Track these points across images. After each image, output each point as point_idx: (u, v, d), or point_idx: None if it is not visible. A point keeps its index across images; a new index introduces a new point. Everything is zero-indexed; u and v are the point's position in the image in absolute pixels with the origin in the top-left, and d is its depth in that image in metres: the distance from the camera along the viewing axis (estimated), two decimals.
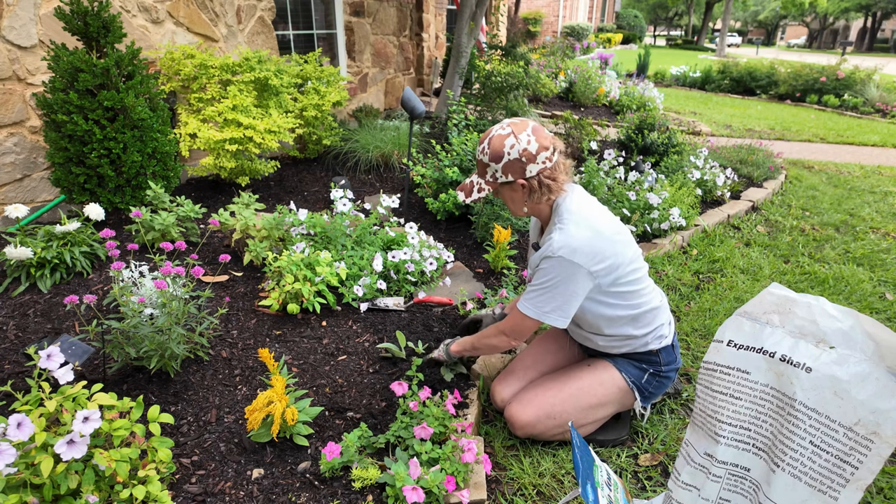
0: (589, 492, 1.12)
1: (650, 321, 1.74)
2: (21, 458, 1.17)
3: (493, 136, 1.58)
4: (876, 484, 1.73)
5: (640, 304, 1.69)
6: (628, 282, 1.65)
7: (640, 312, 1.70)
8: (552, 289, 1.59)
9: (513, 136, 1.55)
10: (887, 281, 3.09)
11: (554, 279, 1.58)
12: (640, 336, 1.74)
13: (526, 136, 1.55)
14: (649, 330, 1.74)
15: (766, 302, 1.06)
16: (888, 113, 8.90)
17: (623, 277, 1.63)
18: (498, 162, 1.57)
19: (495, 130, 1.59)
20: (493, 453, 1.78)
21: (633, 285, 1.67)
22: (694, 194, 3.86)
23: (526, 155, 1.55)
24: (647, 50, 11.55)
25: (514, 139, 1.55)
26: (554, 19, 22.12)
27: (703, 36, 34.89)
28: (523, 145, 1.54)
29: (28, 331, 2.01)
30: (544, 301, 1.61)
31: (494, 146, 1.57)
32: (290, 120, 3.39)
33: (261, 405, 1.52)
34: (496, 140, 1.57)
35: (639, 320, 1.72)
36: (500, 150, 1.56)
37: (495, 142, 1.57)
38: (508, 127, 1.57)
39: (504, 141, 1.55)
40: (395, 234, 2.71)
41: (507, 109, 4.93)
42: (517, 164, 1.56)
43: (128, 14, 3.28)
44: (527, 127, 1.57)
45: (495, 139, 1.57)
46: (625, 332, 1.73)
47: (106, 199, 2.73)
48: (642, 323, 1.73)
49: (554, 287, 1.58)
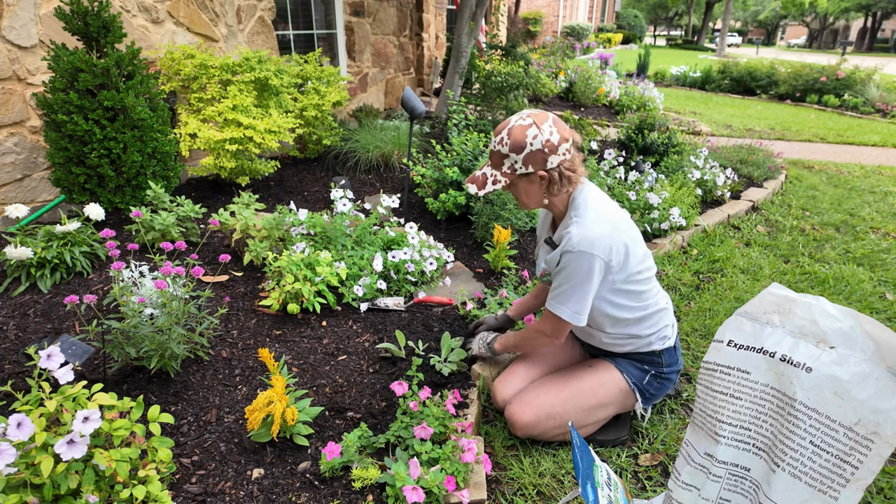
0: (589, 492, 1.12)
1: (656, 322, 1.74)
2: (21, 458, 1.17)
3: (514, 126, 1.54)
4: (876, 484, 1.73)
5: (647, 304, 1.70)
6: (638, 280, 1.65)
7: (647, 314, 1.71)
8: (578, 286, 1.57)
9: (535, 127, 1.52)
10: (887, 281, 3.09)
11: (578, 274, 1.56)
12: (644, 336, 1.74)
13: (548, 126, 1.52)
14: (654, 330, 1.74)
15: (767, 302, 1.06)
16: (888, 113, 8.90)
17: (633, 276, 1.63)
18: (519, 153, 1.54)
19: (515, 121, 1.55)
20: (494, 453, 1.78)
21: (642, 285, 1.67)
22: (694, 194, 3.86)
23: (549, 146, 1.52)
24: (647, 50, 11.55)
25: (536, 129, 1.52)
26: (554, 19, 22.13)
27: (704, 36, 34.90)
28: (546, 136, 1.52)
29: (28, 331, 2.01)
30: (575, 300, 1.59)
31: (515, 137, 1.53)
32: (290, 120, 3.39)
33: (261, 405, 1.53)
34: (517, 130, 1.53)
35: (644, 321, 1.72)
36: (521, 140, 1.52)
37: (516, 132, 1.53)
38: (529, 118, 1.54)
39: (526, 132, 1.52)
40: (395, 234, 2.71)
41: (507, 109, 4.93)
42: (539, 154, 1.53)
43: (128, 14, 3.28)
44: (548, 118, 1.54)
45: (516, 129, 1.53)
46: (630, 332, 1.73)
47: (106, 199, 2.73)
48: (648, 323, 1.73)
49: (580, 284, 1.57)
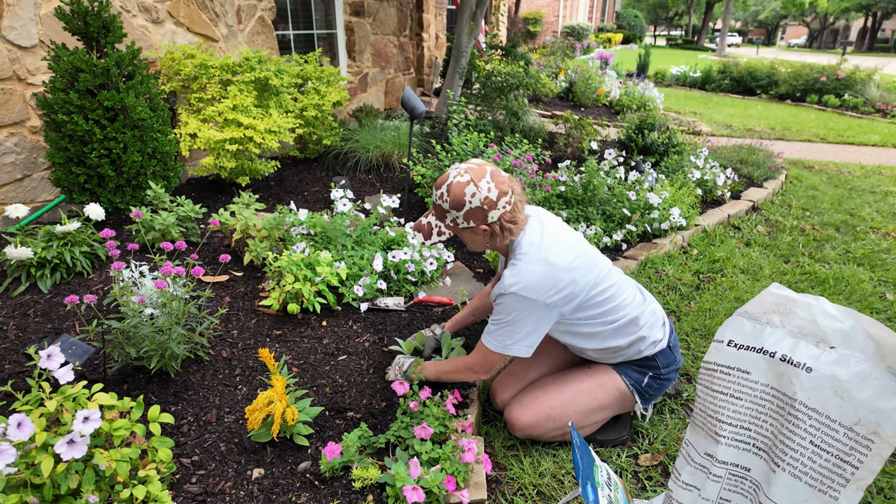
0: (589, 492, 1.12)
1: (633, 331, 1.71)
2: (21, 458, 1.17)
3: (453, 182, 1.53)
4: (876, 484, 1.73)
5: (614, 319, 1.67)
6: (595, 304, 1.63)
7: (616, 327, 1.68)
8: (511, 324, 1.59)
9: (472, 184, 1.50)
10: (887, 281, 3.08)
11: (510, 314, 1.58)
12: (626, 346, 1.72)
13: (485, 183, 1.51)
14: (634, 339, 1.71)
15: (767, 302, 1.06)
16: (888, 113, 8.89)
17: (588, 301, 1.62)
18: (459, 210, 1.54)
19: (453, 177, 1.54)
20: (494, 453, 1.78)
21: (602, 306, 1.64)
22: (694, 194, 3.86)
23: (487, 203, 1.51)
24: (648, 50, 11.55)
25: (474, 187, 1.50)
26: (554, 19, 22.12)
27: (704, 36, 34.89)
28: (484, 193, 1.51)
29: (28, 331, 2.01)
30: (505, 335, 1.61)
31: (455, 194, 1.52)
32: (290, 120, 3.39)
33: (261, 405, 1.53)
34: (456, 188, 1.52)
35: (620, 333, 1.70)
36: (460, 198, 1.51)
37: (455, 189, 1.52)
38: (466, 174, 1.52)
39: (464, 189, 1.51)
40: (395, 233, 2.71)
41: (508, 109, 4.93)
42: (479, 211, 1.53)
43: (128, 14, 3.28)
44: (485, 173, 1.52)
45: (455, 187, 1.52)
46: (609, 345, 1.72)
47: (106, 199, 2.73)
48: (624, 334, 1.70)
49: (512, 322, 1.59)
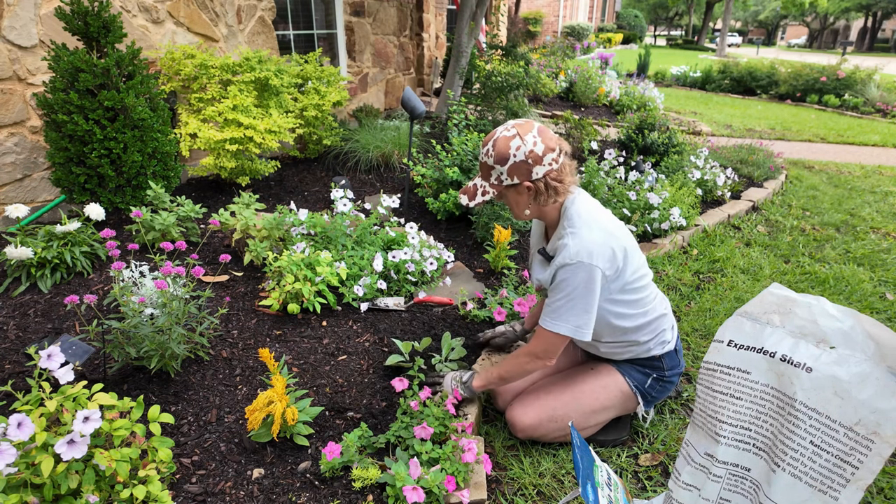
0: (589, 492, 1.12)
1: (655, 328, 1.72)
2: (21, 458, 1.17)
3: (498, 137, 1.53)
4: (876, 484, 1.73)
5: (646, 311, 1.68)
6: (634, 289, 1.63)
7: (646, 321, 1.69)
8: (578, 298, 1.53)
9: (518, 138, 1.50)
10: (887, 281, 3.08)
11: (577, 287, 1.52)
12: (643, 342, 1.73)
13: (532, 137, 1.50)
14: (652, 336, 1.73)
15: (767, 302, 1.06)
16: (888, 113, 8.89)
17: (630, 284, 1.62)
18: (503, 164, 1.53)
19: (499, 132, 1.54)
20: (494, 453, 1.78)
21: (640, 292, 1.65)
22: (694, 194, 3.86)
23: (532, 157, 1.50)
24: (648, 50, 11.56)
25: (519, 140, 1.50)
26: (554, 19, 22.12)
27: (704, 36, 34.89)
28: (529, 147, 1.50)
29: (28, 331, 2.01)
30: (575, 314, 1.54)
31: (499, 148, 1.52)
32: (290, 120, 3.39)
33: (261, 405, 1.53)
34: (501, 142, 1.52)
35: (644, 328, 1.70)
36: (505, 152, 1.51)
37: (500, 144, 1.52)
38: (513, 128, 1.52)
39: (509, 143, 1.51)
40: (395, 234, 2.71)
41: (508, 109, 4.93)
42: (523, 165, 1.51)
43: (128, 14, 3.28)
44: (532, 128, 1.52)
45: (500, 141, 1.52)
46: (628, 339, 1.72)
47: (106, 199, 2.73)
48: (647, 330, 1.71)
49: (580, 296, 1.53)
